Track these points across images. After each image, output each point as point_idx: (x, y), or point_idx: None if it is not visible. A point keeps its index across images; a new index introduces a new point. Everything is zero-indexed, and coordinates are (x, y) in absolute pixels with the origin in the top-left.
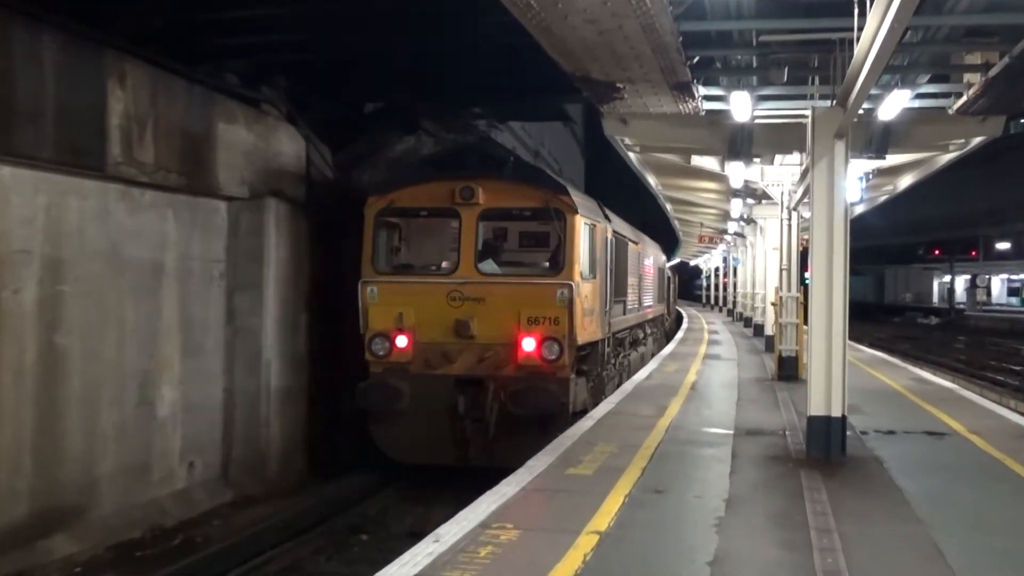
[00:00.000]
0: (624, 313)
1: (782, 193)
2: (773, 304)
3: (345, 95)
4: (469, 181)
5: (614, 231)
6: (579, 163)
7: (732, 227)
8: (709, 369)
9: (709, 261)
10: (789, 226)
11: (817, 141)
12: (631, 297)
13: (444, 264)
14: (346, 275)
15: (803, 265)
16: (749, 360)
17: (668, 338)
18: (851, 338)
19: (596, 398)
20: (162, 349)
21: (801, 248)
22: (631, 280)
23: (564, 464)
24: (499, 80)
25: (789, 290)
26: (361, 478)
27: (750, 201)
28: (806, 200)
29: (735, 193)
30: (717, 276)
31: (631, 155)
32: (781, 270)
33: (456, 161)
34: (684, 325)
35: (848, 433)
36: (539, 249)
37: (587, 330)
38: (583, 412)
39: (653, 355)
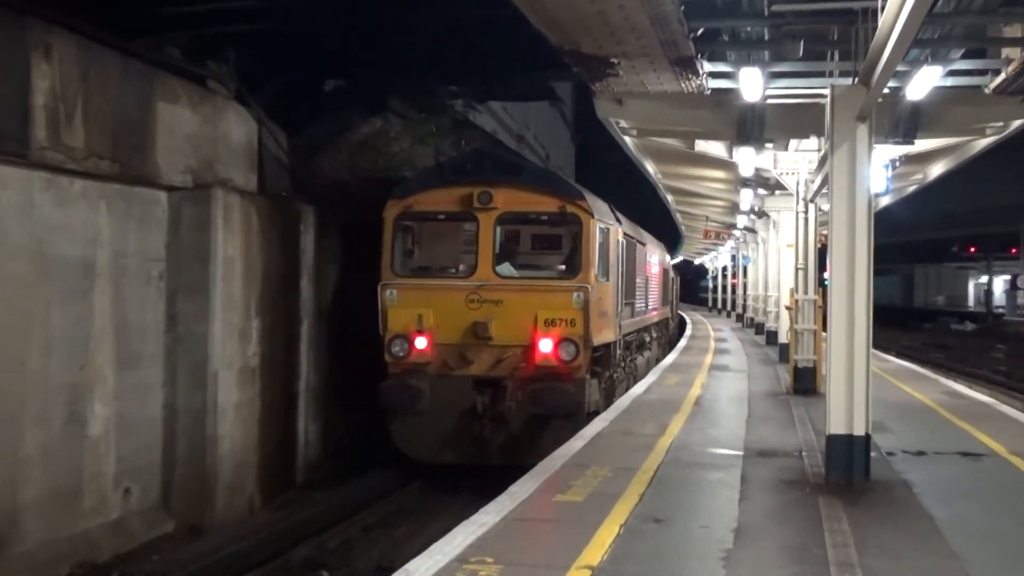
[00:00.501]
0: (632, 315)
1: (797, 183)
2: (788, 308)
3: (303, 72)
4: (487, 186)
5: (624, 233)
6: (568, 148)
7: (741, 221)
8: (716, 382)
9: (715, 260)
10: (806, 220)
11: (837, 124)
12: (638, 299)
13: (461, 267)
14: (315, 275)
15: (821, 264)
16: (761, 372)
17: (671, 345)
18: (876, 346)
19: (608, 400)
20: (94, 359)
21: (819, 245)
22: (638, 282)
23: (551, 490)
24: (478, 55)
25: (806, 292)
26: (330, 501)
27: (762, 192)
28: (825, 191)
29: (745, 183)
30: (724, 276)
31: (627, 140)
32: (797, 269)
33: (474, 166)
34: (688, 332)
35: (873, 454)
36: (553, 252)
37: (601, 332)
38: (595, 413)
39: (658, 361)
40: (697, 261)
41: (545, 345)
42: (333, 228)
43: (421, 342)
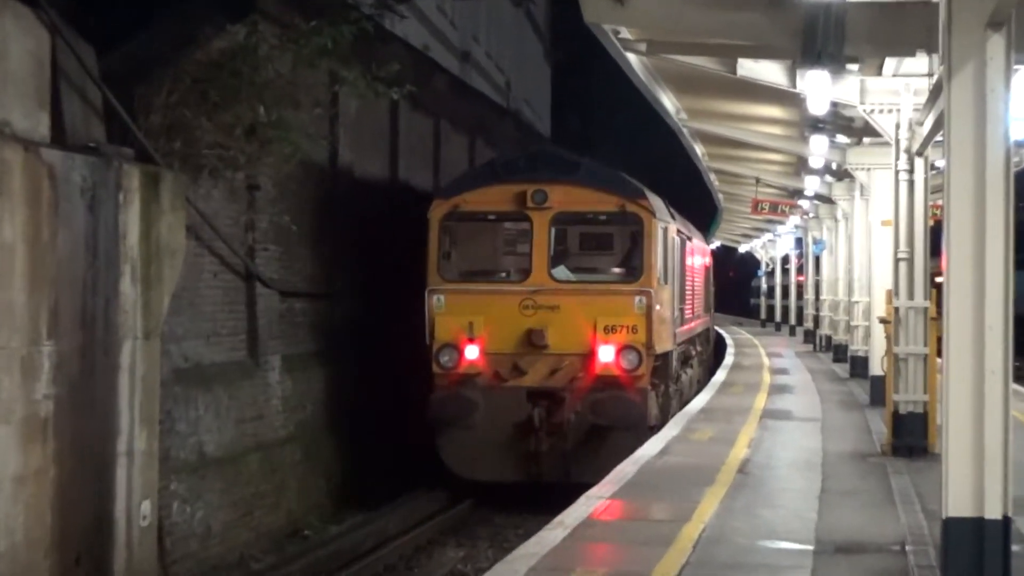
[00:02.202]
0: (683, 323)
1: (897, 126)
2: (883, 321)
3: None
4: (541, 184)
5: (678, 230)
6: (541, 71)
7: (811, 185)
8: (771, 436)
9: (770, 246)
10: (910, 184)
11: (956, 34)
12: (687, 304)
13: (513, 271)
14: (145, 271)
15: (935, 251)
16: (842, 420)
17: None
18: (1018, 379)
19: (664, 415)
20: None
21: (932, 222)
22: (687, 284)
23: None
24: None
25: (911, 296)
26: None
27: (842, 140)
28: (939, 138)
29: (816, 126)
30: (785, 272)
31: (632, 59)
32: (897, 261)
33: (527, 163)
34: (728, 360)
35: (1015, 547)
36: (610, 253)
37: (662, 339)
38: (655, 428)
39: (700, 385)
40: (742, 248)
41: (605, 353)
42: (172, 198)
43: (472, 351)
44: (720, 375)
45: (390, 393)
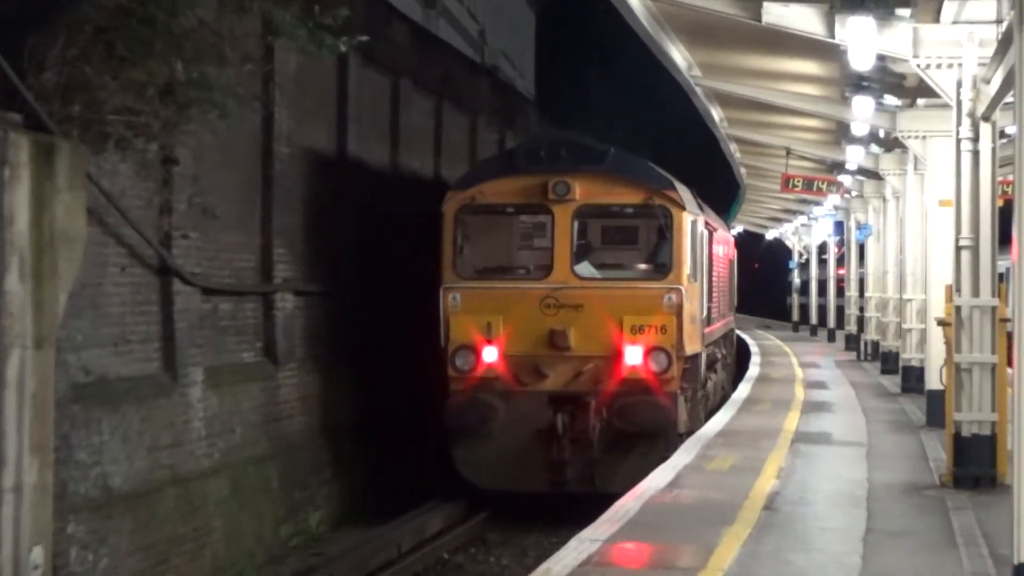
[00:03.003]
0: (709, 323)
1: (959, 84)
2: (941, 324)
3: None
4: (564, 175)
5: (706, 222)
6: (525, 18)
7: (853, 157)
8: (804, 464)
9: (804, 233)
10: (974, 155)
11: None
12: (714, 302)
13: (534, 267)
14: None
15: (1005, 238)
16: (892, 445)
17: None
18: None
19: (693, 423)
20: None
21: (1001, 202)
22: (713, 280)
23: None
24: None
25: (975, 292)
26: None
27: (891, 102)
28: (1010, 99)
29: (859, 84)
30: (822, 266)
31: (634, 2)
32: (958, 249)
33: (549, 152)
34: (753, 371)
35: None
36: (636, 248)
37: (692, 340)
38: (684, 435)
39: (724, 394)
40: (770, 235)
41: (633, 355)
42: (70, 175)
43: (490, 354)
44: (743, 389)
45: (356, 409)
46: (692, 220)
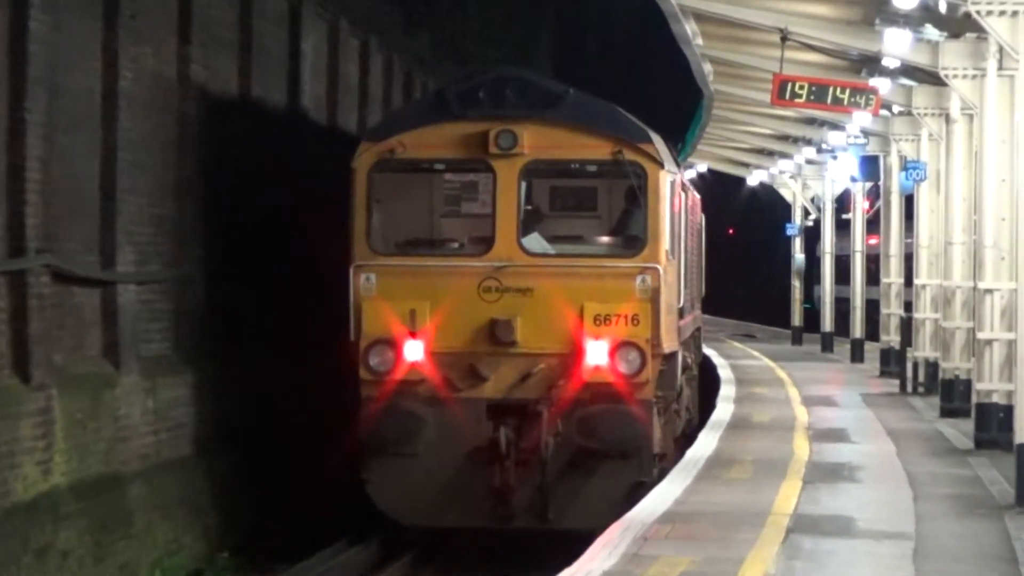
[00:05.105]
0: (682, 316)
1: None
2: None
3: None
4: (508, 123)
5: (682, 182)
6: None
7: (895, 45)
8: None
9: (813, 178)
10: None
11: None
12: (687, 289)
13: (470, 241)
14: None
15: None
16: (957, 538)
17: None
18: None
19: (667, 441)
20: None
21: None
22: (688, 258)
23: None
24: None
25: None
26: None
27: None
28: None
29: None
30: (841, 231)
31: None
32: None
33: (490, 93)
34: (719, 406)
35: None
36: (599, 216)
37: (670, 335)
38: (659, 457)
39: (689, 415)
40: (754, 178)
41: (596, 353)
42: None
43: (414, 351)
44: (706, 443)
45: (255, 414)
46: (671, 180)
